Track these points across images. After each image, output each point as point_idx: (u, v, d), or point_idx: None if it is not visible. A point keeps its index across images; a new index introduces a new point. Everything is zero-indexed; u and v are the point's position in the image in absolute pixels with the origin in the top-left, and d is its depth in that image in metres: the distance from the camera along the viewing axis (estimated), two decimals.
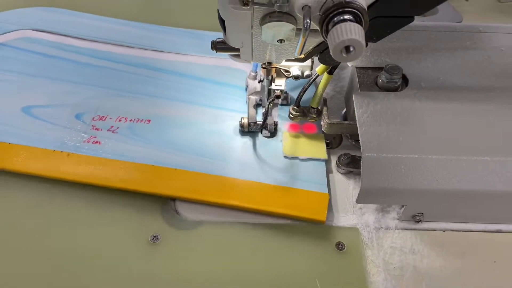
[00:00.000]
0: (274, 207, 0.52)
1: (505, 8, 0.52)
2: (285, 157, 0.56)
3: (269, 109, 0.56)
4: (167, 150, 0.56)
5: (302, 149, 0.57)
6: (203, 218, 0.52)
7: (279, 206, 0.52)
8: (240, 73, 0.66)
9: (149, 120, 0.59)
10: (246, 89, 0.61)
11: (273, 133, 0.59)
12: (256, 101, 0.59)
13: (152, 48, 0.69)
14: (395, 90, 0.53)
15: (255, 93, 0.59)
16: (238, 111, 0.61)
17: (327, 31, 0.35)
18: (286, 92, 0.59)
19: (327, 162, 0.57)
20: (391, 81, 0.52)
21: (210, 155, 0.56)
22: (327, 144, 0.59)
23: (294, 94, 0.62)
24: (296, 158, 0.56)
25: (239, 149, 0.57)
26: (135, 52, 0.69)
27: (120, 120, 0.59)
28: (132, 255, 0.49)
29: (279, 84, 0.55)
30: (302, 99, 0.56)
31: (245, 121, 0.57)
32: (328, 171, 0.56)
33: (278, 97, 0.55)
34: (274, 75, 0.55)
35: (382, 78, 0.52)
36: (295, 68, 0.55)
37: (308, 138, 0.58)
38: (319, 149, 0.57)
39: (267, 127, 0.58)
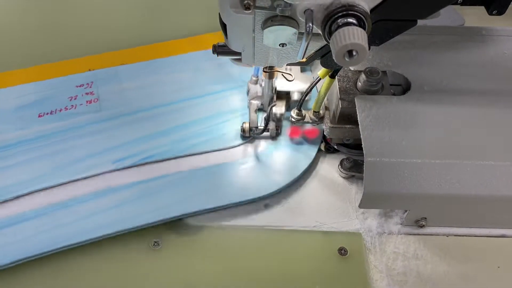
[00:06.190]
0: None
1: (507, 11, 0.52)
2: None
3: (271, 114, 0.56)
4: None
5: None
6: (204, 223, 0.52)
7: None
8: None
9: None
10: (248, 94, 0.61)
11: (275, 137, 0.58)
12: (257, 106, 0.59)
13: None
14: (374, 93, 0.53)
15: (257, 97, 0.59)
16: None
17: (329, 35, 0.35)
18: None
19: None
20: (370, 84, 0.52)
21: None
22: (328, 149, 0.58)
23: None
24: None
25: None
26: None
27: None
28: (134, 260, 0.49)
29: (280, 106, 0.57)
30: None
31: (246, 125, 0.57)
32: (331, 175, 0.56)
33: (278, 120, 0.57)
34: (275, 98, 0.56)
35: (362, 81, 0.52)
36: (295, 94, 0.58)
37: None
38: None
39: (268, 131, 0.57)
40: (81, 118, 0.60)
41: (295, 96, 0.58)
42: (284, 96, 0.59)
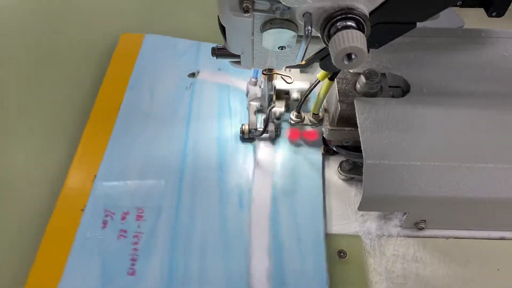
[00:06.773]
0: None
1: (506, 13, 0.52)
2: None
3: (270, 116, 0.56)
4: None
5: None
6: None
7: None
8: None
9: None
10: (247, 95, 0.61)
11: (274, 139, 0.58)
12: (256, 107, 0.59)
13: None
14: (374, 95, 0.52)
15: (256, 99, 0.59)
16: None
17: (328, 38, 0.35)
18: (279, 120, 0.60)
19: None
20: (369, 86, 0.52)
21: None
22: (328, 151, 0.58)
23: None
24: None
25: None
26: None
27: None
28: None
29: (279, 105, 0.57)
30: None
31: (246, 127, 0.57)
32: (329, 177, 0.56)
33: (278, 118, 0.57)
34: (274, 98, 0.56)
35: (361, 83, 0.52)
36: (294, 91, 0.58)
37: None
38: None
39: (268, 133, 0.57)
40: (159, 235, 0.50)
41: (294, 95, 0.58)
42: (283, 97, 0.59)
